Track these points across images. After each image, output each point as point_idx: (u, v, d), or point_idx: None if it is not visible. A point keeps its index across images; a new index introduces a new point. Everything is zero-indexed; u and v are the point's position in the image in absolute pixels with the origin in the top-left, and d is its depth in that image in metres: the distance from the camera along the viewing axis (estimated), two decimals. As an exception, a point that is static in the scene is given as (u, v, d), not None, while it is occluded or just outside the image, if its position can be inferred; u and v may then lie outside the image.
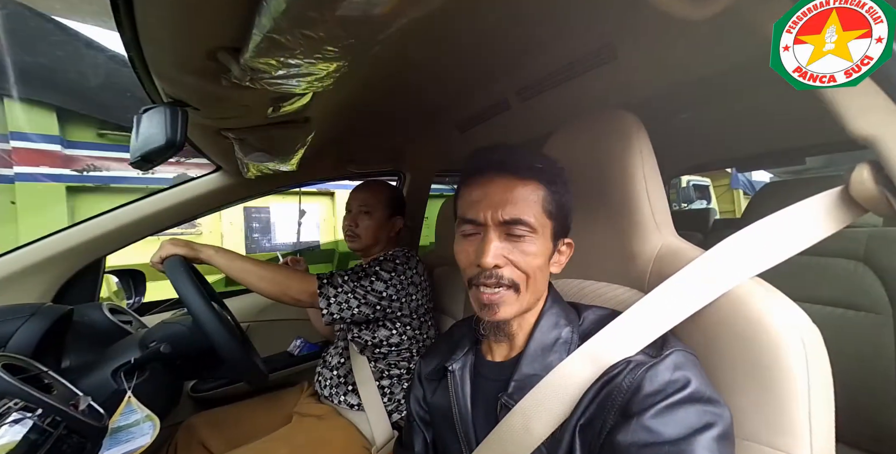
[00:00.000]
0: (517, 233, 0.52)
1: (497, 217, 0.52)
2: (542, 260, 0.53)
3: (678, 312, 0.48)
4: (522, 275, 0.52)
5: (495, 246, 0.51)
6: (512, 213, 0.51)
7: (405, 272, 1.03)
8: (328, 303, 0.95)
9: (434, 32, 0.69)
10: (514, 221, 0.51)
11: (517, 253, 0.52)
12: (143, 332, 0.86)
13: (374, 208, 1.15)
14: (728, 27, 0.61)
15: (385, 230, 1.16)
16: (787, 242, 0.47)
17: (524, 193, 0.52)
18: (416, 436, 0.68)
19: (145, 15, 0.43)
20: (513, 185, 0.52)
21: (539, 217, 0.52)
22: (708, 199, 5.87)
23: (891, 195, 0.42)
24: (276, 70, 0.50)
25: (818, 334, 0.44)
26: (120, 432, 0.71)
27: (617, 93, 0.88)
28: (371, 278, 0.99)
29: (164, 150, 0.56)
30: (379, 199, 1.16)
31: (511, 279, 0.52)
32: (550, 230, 0.54)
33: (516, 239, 0.52)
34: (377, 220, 1.14)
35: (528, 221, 0.51)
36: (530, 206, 0.52)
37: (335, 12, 0.39)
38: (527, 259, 0.52)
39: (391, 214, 1.17)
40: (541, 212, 0.52)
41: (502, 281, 0.52)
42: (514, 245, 0.52)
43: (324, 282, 0.97)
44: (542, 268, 0.54)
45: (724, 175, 6.05)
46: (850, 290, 1.02)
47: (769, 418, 0.43)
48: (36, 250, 0.99)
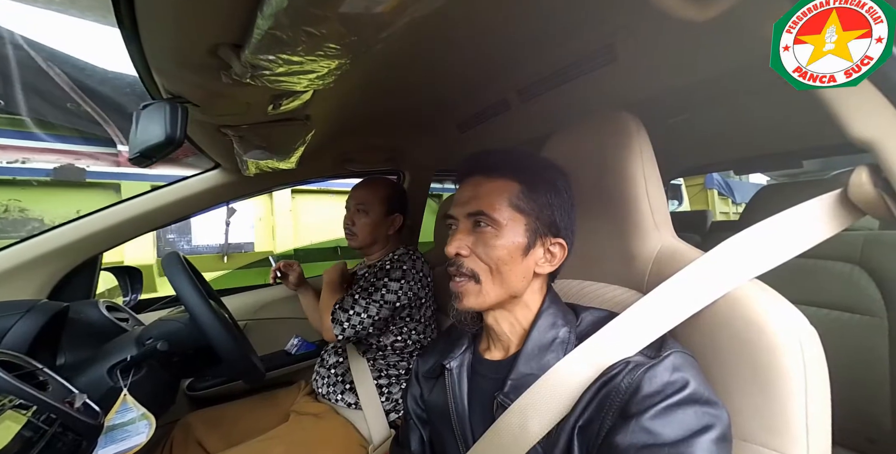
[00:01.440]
0: (480, 226, 0.56)
1: (464, 210, 0.57)
2: (505, 253, 0.55)
3: (677, 313, 0.49)
4: (485, 266, 0.55)
5: (460, 237, 0.56)
6: (475, 207, 0.56)
7: (414, 276, 1.03)
8: (342, 329, 0.98)
9: (435, 31, 0.69)
10: (475, 213, 0.56)
11: (480, 244, 0.55)
12: (140, 330, 0.86)
13: (371, 206, 1.14)
14: (728, 29, 0.62)
15: (383, 228, 1.15)
16: (787, 245, 0.47)
17: (490, 189, 0.56)
18: (413, 434, 0.68)
19: (146, 10, 0.43)
20: (481, 182, 0.57)
21: (505, 211, 0.55)
22: (680, 200, 5.51)
23: (889, 198, 0.42)
24: (278, 67, 0.50)
25: (816, 336, 0.45)
26: (115, 430, 0.70)
27: (617, 94, 0.88)
28: (381, 292, 1.00)
29: (164, 146, 0.56)
30: (376, 197, 1.15)
31: (471, 269, 0.55)
32: (524, 226, 0.55)
33: (481, 231, 0.56)
34: (374, 217, 1.14)
35: (490, 214, 0.55)
36: (495, 200, 0.55)
37: (337, 9, 0.39)
38: (488, 250, 0.55)
39: (389, 211, 1.16)
40: (507, 206, 0.55)
41: (462, 270, 0.56)
42: (478, 237, 0.56)
43: (336, 307, 0.99)
44: (508, 261, 0.55)
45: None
46: (846, 293, 1.03)
47: (767, 419, 0.43)
48: (32, 246, 0.99)
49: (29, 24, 2.35)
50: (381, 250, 1.17)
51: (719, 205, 5.98)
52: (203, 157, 1.07)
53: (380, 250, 1.17)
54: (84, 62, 2.48)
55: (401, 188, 1.24)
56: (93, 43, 2.44)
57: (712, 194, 5.83)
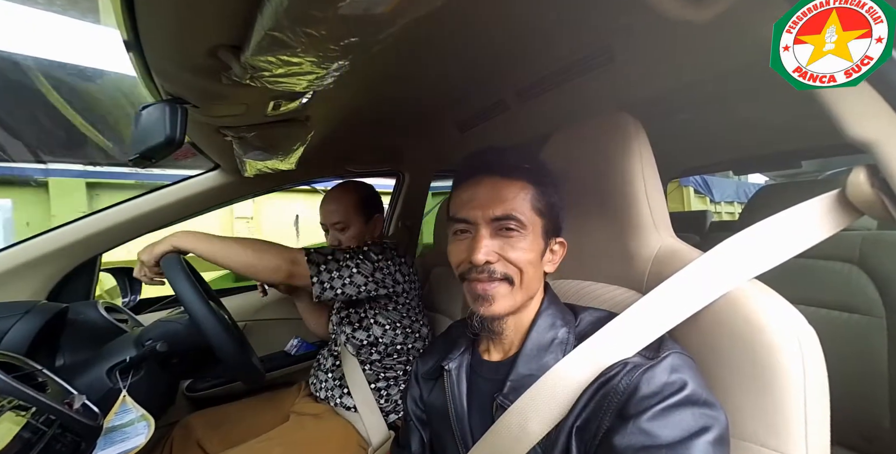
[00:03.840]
0: (508, 229, 0.53)
1: (488, 214, 0.53)
2: (533, 255, 0.54)
3: (676, 314, 0.49)
4: (515, 269, 0.54)
5: (486, 243, 0.53)
6: (504, 210, 0.53)
7: (393, 258, 1.03)
8: (318, 271, 0.92)
9: (434, 32, 0.70)
10: (505, 217, 0.53)
11: (508, 248, 0.53)
12: (139, 331, 0.86)
13: (348, 221, 1.13)
14: (726, 30, 0.62)
15: (369, 233, 1.15)
16: (786, 244, 0.47)
17: (513, 191, 0.54)
18: (413, 436, 0.68)
19: (146, 12, 0.43)
20: (501, 184, 0.54)
21: (528, 214, 0.54)
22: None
23: (887, 198, 0.42)
24: (277, 68, 0.50)
25: (815, 336, 0.45)
26: (114, 432, 0.70)
27: (615, 95, 0.88)
28: (359, 257, 0.97)
29: (164, 146, 0.56)
30: (348, 210, 1.13)
31: (504, 272, 0.53)
32: (541, 228, 0.55)
33: (507, 235, 0.54)
34: (356, 229, 1.13)
35: (519, 217, 0.53)
36: (519, 203, 0.54)
37: (337, 10, 0.39)
38: (518, 254, 0.53)
39: (367, 217, 1.15)
40: (530, 209, 0.54)
41: (495, 275, 0.53)
42: (506, 241, 0.54)
43: (311, 251, 0.94)
44: (534, 264, 0.55)
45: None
46: (844, 293, 1.03)
47: (765, 419, 0.43)
48: (31, 247, 0.98)
49: (29, 25, 2.35)
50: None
51: (696, 203, 5.60)
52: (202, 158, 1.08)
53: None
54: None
55: (365, 186, 1.20)
56: (93, 44, 2.44)
57: (688, 192, 5.43)
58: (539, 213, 0.55)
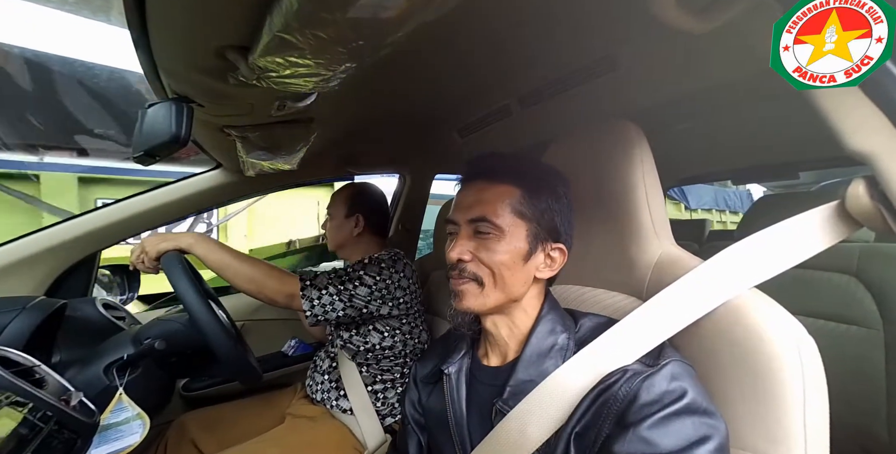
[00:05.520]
0: (482, 231, 0.56)
1: (467, 216, 0.57)
2: (507, 258, 0.55)
3: (676, 321, 0.49)
4: (487, 270, 0.55)
5: (462, 243, 0.56)
6: (477, 213, 0.56)
7: (391, 276, 1.02)
8: (311, 305, 0.94)
9: (440, 38, 0.70)
10: (478, 219, 0.56)
11: (483, 249, 0.56)
12: (138, 328, 0.85)
13: (334, 210, 1.18)
14: (727, 41, 0.63)
15: (346, 229, 1.15)
16: (785, 254, 0.47)
17: (492, 195, 0.56)
18: (411, 440, 0.68)
19: (156, 12, 0.43)
20: (483, 188, 0.57)
21: (507, 217, 0.55)
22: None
23: (885, 210, 0.43)
24: (284, 69, 0.50)
25: (814, 345, 0.45)
26: (109, 430, 0.70)
27: (617, 103, 0.89)
28: (355, 283, 0.98)
29: (169, 144, 0.56)
30: (335, 201, 1.18)
31: (474, 273, 0.56)
32: (525, 231, 0.56)
33: (483, 237, 0.56)
34: (336, 221, 1.17)
35: (492, 220, 0.55)
36: (497, 206, 0.55)
37: (346, 14, 0.39)
38: (490, 255, 0.55)
39: (349, 213, 1.15)
40: (509, 212, 0.55)
41: (464, 274, 0.56)
42: (481, 242, 0.56)
43: (307, 283, 0.95)
44: (509, 266, 0.55)
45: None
46: (842, 305, 1.04)
47: (765, 428, 0.43)
48: (30, 243, 0.98)
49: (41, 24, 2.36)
50: (357, 252, 1.15)
51: (670, 210, 5.50)
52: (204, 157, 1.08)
53: (354, 252, 1.16)
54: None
55: (361, 190, 1.21)
56: (102, 43, 2.45)
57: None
58: (522, 217, 0.55)
